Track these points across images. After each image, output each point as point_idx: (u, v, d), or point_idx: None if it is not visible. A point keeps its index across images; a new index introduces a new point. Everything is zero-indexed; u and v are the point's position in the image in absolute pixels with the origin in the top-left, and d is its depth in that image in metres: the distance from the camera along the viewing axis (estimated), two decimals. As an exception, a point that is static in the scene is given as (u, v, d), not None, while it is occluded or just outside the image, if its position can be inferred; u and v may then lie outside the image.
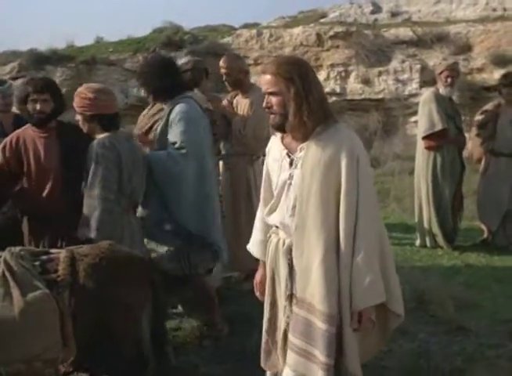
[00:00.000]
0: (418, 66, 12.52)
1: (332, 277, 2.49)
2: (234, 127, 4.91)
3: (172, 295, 4.04)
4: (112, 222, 3.58)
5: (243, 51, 13.40)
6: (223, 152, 5.07)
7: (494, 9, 14.00)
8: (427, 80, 12.44)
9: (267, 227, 2.82)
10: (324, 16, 15.52)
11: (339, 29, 13.14)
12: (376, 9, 15.35)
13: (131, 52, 13.33)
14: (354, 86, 12.83)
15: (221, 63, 4.93)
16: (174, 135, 3.90)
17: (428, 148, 6.01)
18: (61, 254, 3.12)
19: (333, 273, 2.50)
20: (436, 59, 12.48)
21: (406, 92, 12.55)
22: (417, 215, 6.26)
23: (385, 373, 3.67)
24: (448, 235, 6.09)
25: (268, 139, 2.90)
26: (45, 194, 3.72)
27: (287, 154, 2.61)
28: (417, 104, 12.26)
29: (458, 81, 6.05)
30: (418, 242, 6.28)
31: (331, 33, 13.09)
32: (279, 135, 2.68)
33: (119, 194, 3.64)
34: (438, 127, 5.84)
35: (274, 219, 2.69)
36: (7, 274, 2.91)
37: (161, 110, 4.13)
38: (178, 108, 3.93)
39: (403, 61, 12.65)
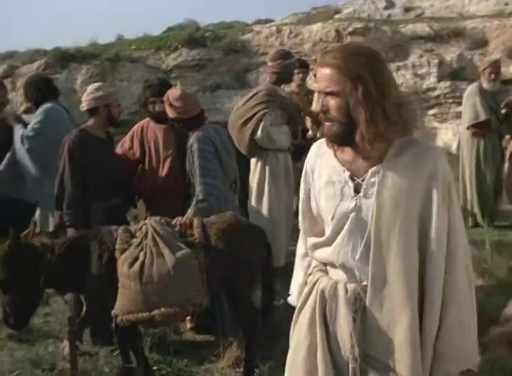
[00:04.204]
0: (436, 60, 13.23)
1: (419, 342, 2.07)
2: None
3: None
4: (216, 204, 4.32)
5: (262, 47, 14.14)
6: None
7: (506, 3, 14.76)
8: (445, 74, 13.25)
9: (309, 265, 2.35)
10: (338, 11, 16.22)
11: (357, 25, 13.87)
12: (390, 5, 16.10)
13: (153, 50, 14.02)
14: (373, 81, 13.56)
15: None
16: None
17: (474, 134, 6.88)
18: (194, 221, 3.89)
19: (419, 336, 2.08)
20: (453, 54, 13.26)
21: (424, 86, 13.27)
22: (461, 198, 7.09)
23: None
24: (489, 215, 6.93)
25: None
26: (162, 177, 4.50)
27: (351, 177, 2.10)
28: (435, 98, 13.24)
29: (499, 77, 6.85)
30: (460, 222, 7.08)
31: (350, 29, 13.82)
32: (326, 144, 2.20)
33: (224, 177, 4.42)
34: (482, 117, 6.75)
35: (327, 256, 2.19)
36: (156, 237, 3.68)
37: (260, 103, 4.94)
38: None
39: (421, 56, 13.40)
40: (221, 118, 4.87)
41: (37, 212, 5.18)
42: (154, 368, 3.97)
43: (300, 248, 2.45)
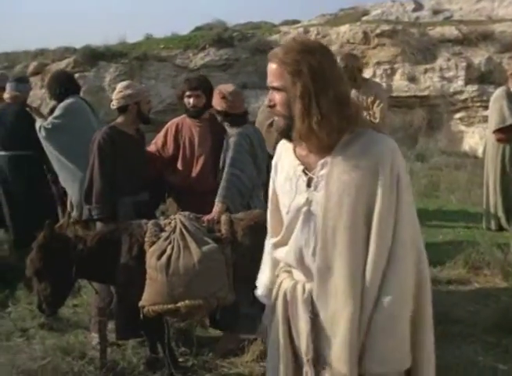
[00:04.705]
0: (463, 63, 13.25)
1: (358, 337, 2.02)
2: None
3: None
4: (242, 195, 4.44)
5: (289, 48, 14.23)
6: None
7: (536, 7, 14.71)
8: (473, 77, 13.23)
9: (276, 263, 2.37)
10: (366, 13, 16.29)
11: (385, 27, 13.93)
12: (418, 7, 16.10)
13: (182, 49, 14.21)
14: (400, 83, 13.61)
15: (339, 60, 5.89)
16: None
17: (499, 140, 6.94)
18: (221, 217, 3.99)
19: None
20: (481, 57, 13.25)
21: (451, 90, 13.30)
22: (485, 202, 7.21)
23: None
24: (513, 219, 6.97)
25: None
26: (195, 174, 4.61)
27: (303, 171, 2.11)
28: (462, 101, 13.21)
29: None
30: (484, 225, 7.17)
31: (378, 31, 13.89)
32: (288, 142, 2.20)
33: (256, 175, 4.53)
34: (509, 121, 6.77)
35: (285, 256, 2.20)
36: (184, 231, 3.79)
37: None
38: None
39: (449, 59, 13.41)
40: (248, 118, 4.98)
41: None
42: (180, 360, 4.08)
43: (266, 243, 2.45)
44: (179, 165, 4.74)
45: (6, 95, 6.05)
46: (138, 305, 3.65)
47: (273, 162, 2.32)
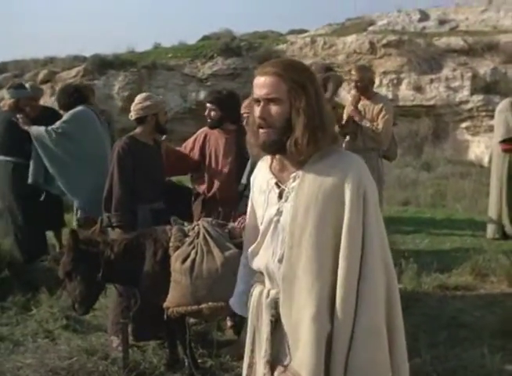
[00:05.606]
0: (469, 74, 13.48)
1: (323, 342, 2.08)
2: (365, 127, 6.12)
3: None
4: None
5: (296, 58, 14.46)
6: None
7: (542, 18, 14.93)
8: (478, 87, 13.45)
9: (251, 274, 2.45)
10: (372, 23, 16.52)
11: (391, 37, 14.18)
12: (424, 17, 16.33)
13: (190, 58, 14.47)
14: (406, 93, 13.84)
15: (354, 72, 6.14)
16: None
17: (505, 150, 7.18)
18: (242, 224, 4.20)
19: (326, 338, 2.09)
20: (486, 67, 13.48)
21: (457, 99, 13.53)
22: (490, 210, 7.40)
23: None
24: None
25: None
26: (219, 184, 4.86)
27: (276, 184, 2.22)
28: (467, 111, 13.43)
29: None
30: (488, 234, 7.39)
31: (384, 41, 14.14)
32: (267, 160, 2.31)
33: None
34: None
35: (257, 263, 2.31)
36: (207, 237, 4.00)
37: None
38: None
39: (454, 69, 13.64)
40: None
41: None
42: (199, 361, 4.27)
43: (242, 257, 2.58)
44: (205, 174, 4.98)
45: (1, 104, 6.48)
46: (161, 308, 3.86)
47: (251, 178, 2.42)
